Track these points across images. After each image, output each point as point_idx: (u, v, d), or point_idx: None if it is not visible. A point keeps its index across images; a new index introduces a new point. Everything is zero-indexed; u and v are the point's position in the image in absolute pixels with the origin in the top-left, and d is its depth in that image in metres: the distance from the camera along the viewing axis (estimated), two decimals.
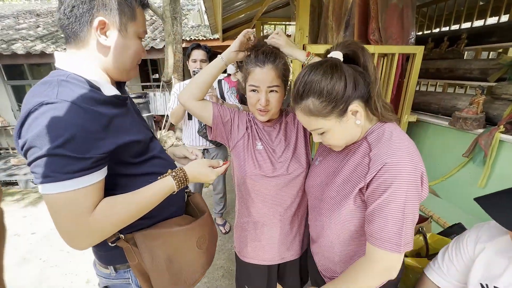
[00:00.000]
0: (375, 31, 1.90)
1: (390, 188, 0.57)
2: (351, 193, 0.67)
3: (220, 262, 2.02)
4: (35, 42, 5.67)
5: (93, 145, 0.54)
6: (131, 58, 0.66)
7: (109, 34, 0.61)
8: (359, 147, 0.69)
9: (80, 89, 0.56)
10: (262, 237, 0.97)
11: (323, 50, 1.57)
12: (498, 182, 1.42)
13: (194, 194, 0.90)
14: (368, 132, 0.69)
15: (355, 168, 0.68)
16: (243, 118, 0.96)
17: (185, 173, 0.71)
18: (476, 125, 1.53)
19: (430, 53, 2.27)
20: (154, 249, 0.70)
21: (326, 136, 0.67)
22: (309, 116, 0.65)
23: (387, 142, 0.62)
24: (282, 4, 3.82)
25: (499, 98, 1.52)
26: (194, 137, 1.96)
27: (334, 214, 0.72)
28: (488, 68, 1.72)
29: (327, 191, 0.76)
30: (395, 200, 0.57)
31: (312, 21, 2.89)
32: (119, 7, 0.60)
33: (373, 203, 0.61)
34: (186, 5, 9.90)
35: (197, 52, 1.84)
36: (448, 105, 1.82)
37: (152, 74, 8.05)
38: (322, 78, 0.61)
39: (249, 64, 0.83)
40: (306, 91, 0.63)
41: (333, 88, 0.60)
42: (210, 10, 2.78)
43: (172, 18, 4.84)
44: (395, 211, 0.58)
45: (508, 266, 0.63)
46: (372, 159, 0.63)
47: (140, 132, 0.69)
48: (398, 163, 0.58)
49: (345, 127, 0.65)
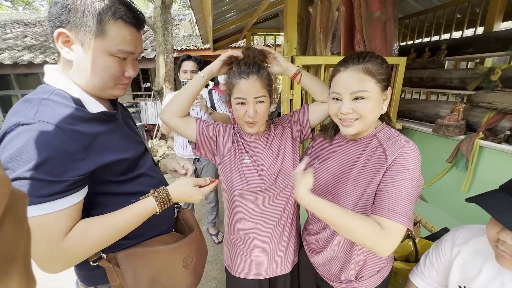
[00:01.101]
0: (360, 42, 1.98)
1: (403, 171, 0.67)
2: (371, 182, 0.72)
3: (213, 273, 2.00)
4: (23, 52, 5.59)
5: (70, 167, 0.52)
6: (99, 77, 0.60)
7: (73, 48, 0.57)
8: (370, 143, 0.78)
9: (62, 108, 0.55)
10: (252, 252, 0.96)
11: (312, 61, 1.63)
12: (480, 186, 1.48)
13: (184, 210, 0.88)
14: (376, 130, 0.79)
15: (374, 160, 0.75)
16: (228, 132, 0.95)
17: (168, 194, 0.68)
18: (457, 131, 1.60)
19: (413, 63, 2.37)
20: (137, 269, 0.67)
21: (363, 104, 0.71)
22: (367, 75, 0.70)
23: (397, 138, 0.74)
24: (272, 16, 3.93)
25: (478, 106, 1.60)
26: (185, 146, 1.96)
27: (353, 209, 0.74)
28: (467, 77, 1.81)
29: (341, 190, 0.79)
30: (406, 181, 0.66)
31: (300, 32, 2.98)
32: (83, 19, 0.55)
33: (385, 181, 0.69)
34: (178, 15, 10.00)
35: (187, 63, 1.87)
36: (431, 113, 1.89)
37: (143, 83, 8.02)
38: (380, 58, 0.73)
39: (233, 77, 0.83)
40: (370, 56, 0.71)
41: (387, 67, 0.73)
42: (200, 21, 2.83)
43: (163, 29, 4.89)
44: (407, 190, 0.66)
45: (482, 267, 0.66)
46: (387, 148, 0.73)
47: (129, 150, 0.67)
48: (410, 152, 0.69)
49: (378, 103, 0.73)
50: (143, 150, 0.76)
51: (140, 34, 0.64)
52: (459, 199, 1.54)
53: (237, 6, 2.88)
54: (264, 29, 4.30)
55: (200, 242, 0.83)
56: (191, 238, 0.77)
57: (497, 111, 1.49)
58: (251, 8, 3.07)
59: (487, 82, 1.64)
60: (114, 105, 0.73)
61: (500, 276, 0.63)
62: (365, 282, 0.83)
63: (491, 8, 2.24)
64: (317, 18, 2.56)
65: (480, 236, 0.70)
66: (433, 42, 2.53)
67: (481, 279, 0.65)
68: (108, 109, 0.66)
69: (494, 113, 1.49)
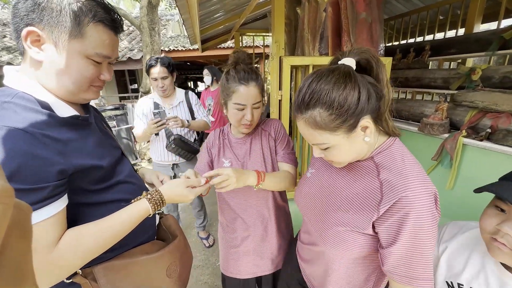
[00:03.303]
0: (347, 43, 2.00)
1: (412, 228, 0.53)
2: (360, 218, 0.61)
3: (204, 278, 1.96)
4: (1, 53, 5.36)
5: (47, 172, 0.49)
6: (73, 79, 0.57)
7: (44, 48, 0.54)
8: (365, 167, 0.64)
9: (27, 112, 0.50)
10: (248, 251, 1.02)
11: (300, 62, 1.63)
12: (464, 183, 1.52)
13: (166, 216, 0.85)
14: (375, 152, 0.63)
15: (363, 192, 0.62)
16: (215, 141, 1.03)
17: (161, 195, 0.67)
18: (441, 130, 1.64)
19: (399, 63, 2.43)
20: (117, 283, 0.63)
21: (331, 152, 0.61)
22: (314, 129, 0.58)
23: (400, 169, 0.57)
24: (260, 16, 3.93)
25: (460, 105, 1.64)
26: (162, 152, 1.86)
27: (338, 236, 0.64)
28: (450, 77, 1.87)
29: (329, 205, 0.69)
30: (419, 241, 0.54)
31: (289, 33, 2.99)
32: (59, 19, 0.52)
33: (393, 242, 0.56)
34: (165, 15, 9.86)
35: (156, 70, 1.67)
36: (417, 112, 1.94)
37: (130, 85, 7.85)
38: (333, 88, 0.54)
39: (232, 82, 0.85)
40: (314, 101, 0.56)
41: (345, 100, 0.54)
42: (187, 21, 2.79)
43: (150, 29, 4.80)
44: (421, 251, 0.54)
45: (467, 262, 0.67)
46: (384, 185, 0.58)
47: (104, 156, 0.64)
48: (415, 196, 0.53)
49: (353, 144, 0.59)
50: (120, 155, 0.73)
51: (117, 39, 0.63)
52: (445, 196, 1.58)
53: (225, 6, 2.86)
54: (253, 30, 4.29)
55: (184, 249, 0.80)
56: (174, 246, 0.74)
57: (478, 109, 1.53)
58: (239, 9, 3.06)
59: (468, 81, 1.70)
60: (86, 108, 0.68)
61: (483, 270, 0.64)
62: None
63: (470, 10, 2.32)
64: (305, 19, 2.58)
65: (465, 232, 0.71)
66: (417, 43, 2.59)
67: (466, 274, 0.67)
68: (79, 113, 0.62)
69: (476, 112, 1.54)
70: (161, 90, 1.75)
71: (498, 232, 0.56)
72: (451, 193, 1.56)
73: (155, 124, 1.57)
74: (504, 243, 0.55)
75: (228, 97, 0.88)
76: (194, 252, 2.21)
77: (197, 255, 2.19)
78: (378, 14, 1.94)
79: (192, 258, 0.88)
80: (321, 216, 0.71)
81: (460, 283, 0.67)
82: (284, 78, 1.54)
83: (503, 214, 0.57)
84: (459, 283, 0.68)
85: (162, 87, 1.73)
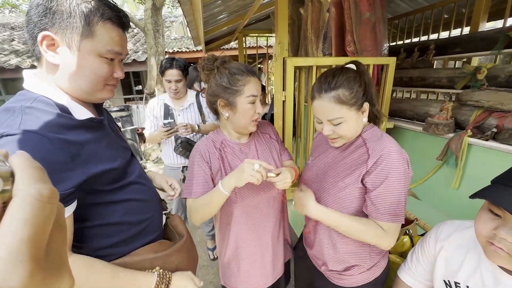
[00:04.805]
0: (351, 43, 2.00)
1: (389, 174, 0.74)
2: (354, 177, 0.79)
3: (209, 278, 1.98)
4: (9, 57, 5.46)
5: (60, 180, 0.50)
6: (88, 79, 0.59)
7: (59, 51, 0.56)
8: (355, 144, 0.84)
9: (47, 116, 0.52)
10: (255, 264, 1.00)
11: (303, 63, 1.64)
12: (470, 183, 1.51)
13: (173, 216, 0.87)
14: (362, 131, 0.85)
15: (355, 157, 0.82)
16: (213, 155, 0.90)
17: (170, 280, 0.68)
18: (446, 130, 1.63)
19: (403, 63, 2.41)
20: None
21: (341, 127, 0.78)
22: (338, 104, 0.75)
23: (380, 139, 0.79)
24: (263, 17, 3.94)
25: (465, 104, 1.63)
26: (172, 155, 1.89)
27: (337, 199, 0.82)
28: (455, 76, 1.85)
29: (328, 179, 0.86)
30: (395, 183, 0.74)
31: (292, 33, 3.00)
32: (69, 20, 0.54)
33: (376, 187, 0.75)
34: (169, 17, 9.94)
35: (170, 72, 1.68)
36: (421, 112, 1.93)
37: (135, 86, 7.93)
38: (351, 78, 0.76)
39: (240, 76, 0.83)
40: (340, 84, 0.75)
41: (359, 87, 0.77)
42: (191, 23, 2.82)
43: (154, 31, 4.85)
44: (396, 192, 0.74)
45: (464, 261, 0.68)
46: (370, 148, 0.79)
47: (116, 158, 0.66)
48: (390, 152, 0.75)
49: (356, 121, 0.79)
50: (130, 156, 0.74)
51: (125, 35, 0.65)
52: (450, 196, 1.57)
53: (228, 8, 2.88)
54: (256, 31, 4.30)
55: (191, 249, 0.82)
56: (181, 245, 0.76)
57: (484, 109, 1.52)
58: (243, 10, 3.07)
59: (474, 81, 1.68)
60: (99, 110, 0.70)
61: (479, 268, 0.64)
62: (356, 277, 0.87)
63: (476, 8, 2.30)
64: (308, 20, 2.59)
65: (462, 231, 0.72)
66: (422, 42, 2.57)
67: (463, 272, 0.67)
68: (94, 115, 0.64)
69: (481, 111, 1.53)
70: (173, 92, 1.76)
71: (495, 237, 0.56)
72: (457, 192, 1.55)
73: (165, 131, 1.64)
74: (501, 247, 0.55)
75: (237, 93, 0.83)
76: (199, 252, 2.23)
77: (202, 255, 2.21)
78: (382, 14, 1.94)
79: (197, 257, 0.89)
80: (324, 183, 0.88)
81: (457, 282, 0.68)
82: (288, 79, 1.55)
83: (498, 218, 0.56)
84: (456, 281, 0.68)
85: (175, 90, 1.74)
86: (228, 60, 0.88)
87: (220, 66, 0.85)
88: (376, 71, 1.94)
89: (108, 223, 0.64)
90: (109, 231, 0.64)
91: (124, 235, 0.67)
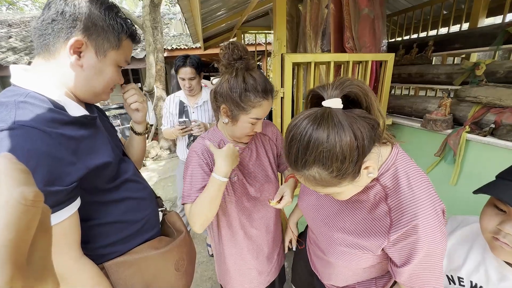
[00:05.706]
0: (349, 39, 1.99)
1: (424, 248, 0.54)
2: (372, 247, 0.61)
3: (208, 273, 1.99)
4: (7, 54, 5.42)
5: (63, 174, 0.50)
6: (103, 84, 0.65)
7: (84, 55, 0.59)
8: (371, 190, 0.61)
9: (42, 110, 0.51)
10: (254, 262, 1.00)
11: (302, 59, 1.63)
12: (468, 178, 1.52)
13: (170, 213, 0.87)
14: (380, 171, 0.59)
15: (371, 216, 0.61)
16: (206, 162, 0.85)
17: None
18: (445, 126, 1.63)
19: (402, 59, 2.41)
20: (129, 279, 0.65)
21: (337, 196, 0.61)
22: (315, 186, 0.55)
23: (407, 193, 0.55)
24: (262, 14, 3.92)
25: (464, 100, 1.63)
26: (185, 151, 1.92)
27: (347, 261, 0.67)
28: (453, 72, 1.85)
29: (333, 233, 0.69)
30: (430, 257, 0.56)
31: (291, 30, 2.99)
32: (104, 34, 0.60)
33: (406, 263, 0.57)
34: (167, 14, 9.88)
35: (184, 71, 1.70)
36: (420, 108, 1.93)
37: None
38: (327, 143, 0.47)
39: (253, 95, 0.75)
40: (308, 160, 0.50)
41: (344, 155, 0.47)
42: (189, 20, 2.80)
43: (153, 28, 4.82)
44: (432, 264, 0.57)
45: (467, 256, 0.68)
46: (393, 211, 0.57)
47: (110, 154, 0.65)
48: (425, 223, 0.53)
49: (358, 184, 0.56)
50: (122, 155, 0.75)
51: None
52: (449, 192, 1.58)
53: (226, 4, 2.86)
54: (255, 27, 4.28)
55: (190, 244, 0.83)
56: (181, 241, 0.76)
57: (482, 105, 1.52)
58: (241, 7, 3.05)
59: (472, 77, 1.68)
60: (89, 108, 0.70)
61: (483, 264, 0.65)
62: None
63: (475, 4, 2.29)
64: (307, 16, 2.57)
65: (465, 227, 0.72)
66: (421, 38, 2.57)
67: (466, 267, 0.67)
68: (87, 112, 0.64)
69: (480, 107, 1.53)
70: (187, 90, 1.79)
71: (500, 232, 0.56)
72: (455, 189, 1.56)
73: (180, 130, 1.72)
74: (506, 242, 0.55)
75: (243, 111, 0.77)
76: (198, 249, 2.25)
77: (201, 251, 2.22)
78: (381, 10, 1.93)
79: (196, 254, 0.89)
80: (326, 228, 0.72)
81: (460, 277, 0.68)
82: (286, 76, 1.55)
83: (503, 213, 0.57)
84: (459, 276, 0.68)
85: (189, 87, 1.77)
86: (252, 68, 0.77)
87: (240, 72, 0.75)
88: (375, 67, 1.93)
89: (108, 222, 0.64)
90: (109, 230, 0.65)
91: (124, 233, 0.67)
